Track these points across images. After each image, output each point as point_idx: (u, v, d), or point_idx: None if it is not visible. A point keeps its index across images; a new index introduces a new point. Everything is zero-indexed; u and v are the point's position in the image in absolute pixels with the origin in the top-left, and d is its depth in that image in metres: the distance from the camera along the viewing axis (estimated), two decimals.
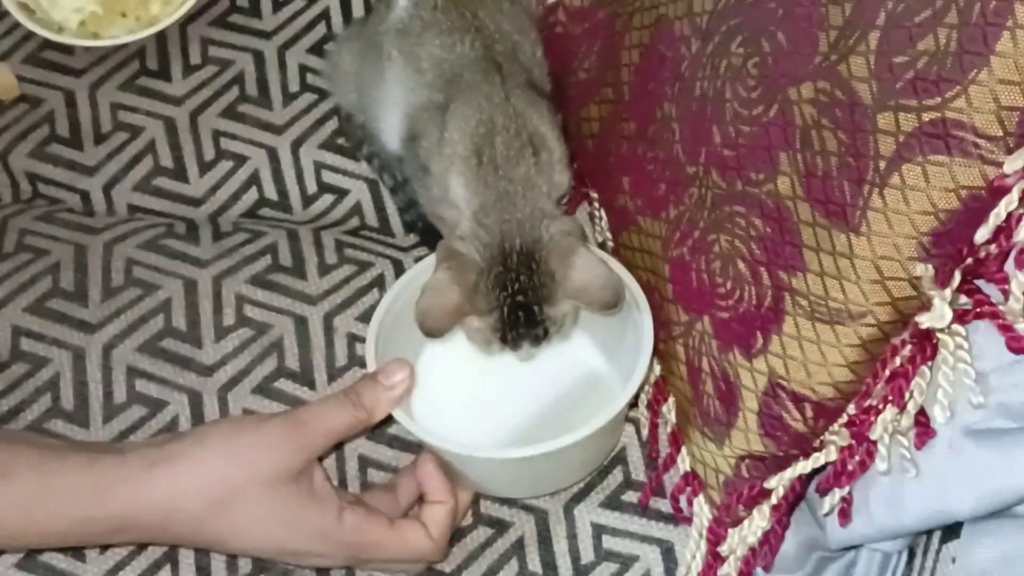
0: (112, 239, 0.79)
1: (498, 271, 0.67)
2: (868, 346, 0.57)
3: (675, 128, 0.66)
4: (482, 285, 0.67)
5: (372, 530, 0.65)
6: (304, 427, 0.63)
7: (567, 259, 0.67)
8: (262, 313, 0.76)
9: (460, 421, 0.73)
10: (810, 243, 0.58)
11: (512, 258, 0.67)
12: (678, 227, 0.67)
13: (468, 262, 0.67)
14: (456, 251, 0.68)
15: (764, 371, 0.61)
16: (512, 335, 0.68)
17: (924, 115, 0.51)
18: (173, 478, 0.61)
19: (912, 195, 0.52)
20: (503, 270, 0.67)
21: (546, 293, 0.67)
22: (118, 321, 0.75)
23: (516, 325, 0.67)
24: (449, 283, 0.67)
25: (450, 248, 0.68)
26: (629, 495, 0.72)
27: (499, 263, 0.67)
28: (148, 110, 0.87)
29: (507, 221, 0.68)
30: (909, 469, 0.57)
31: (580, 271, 0.67)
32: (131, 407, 0.73)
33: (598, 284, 0.66)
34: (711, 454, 0.65)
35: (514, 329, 0.67)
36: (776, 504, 0.62)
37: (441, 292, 0.67)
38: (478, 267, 0.67)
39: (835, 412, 0.60)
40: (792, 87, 0.58)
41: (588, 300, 0.67)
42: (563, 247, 0.67)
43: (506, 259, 0.67)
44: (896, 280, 0.54)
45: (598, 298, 0.66)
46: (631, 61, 0.72)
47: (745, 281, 0.62)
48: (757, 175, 0.60)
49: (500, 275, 0.67)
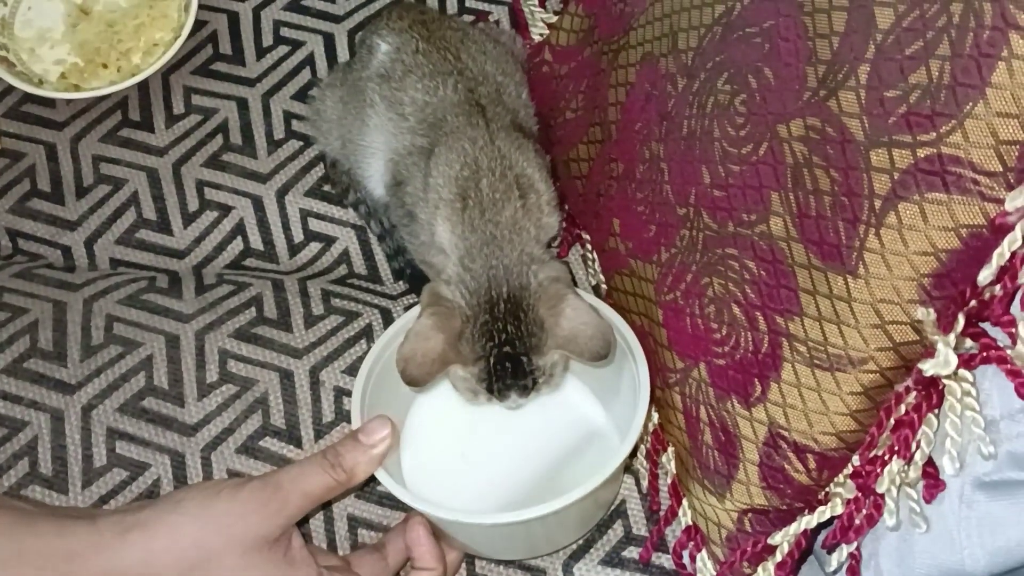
0: (92, 295, 0.77)
1: (484, 320, 0.65)
2: (871, 393, 0.54)
3: (663, 168, 0.64)
4: (468, 333, 0.65)
5: None
6: (281, 491, 0.61)
7: (556, 307, 0.65)
8: (246, 368, 0.74)
9: (451, 477, 0.70)
10: (806, 286, 0.55)
11: (499, 306, 0.65)
12: (670, 270, 0.65)
13: (453, 309, 0.65)
14: (442, 296, 0.66)
15: (764, 420, 0.58)
16: (499, 386, 0.65)
17: (919, 151, 0.49)
18: (146, 544, 0.59)
19: (910, 235, 0.49)
20: (490, 319, 0.64)
21: (534, 343, 0.65)
22: (98, 380, 0.73)
23: (503, 376, 0.65)
24: (433, 330, 0.64)
25: (436, 293, 0.66)
26: (630, 551, 0.69)
27: (486, 311, 0.65)
28: (131, 162, 0.85)
29: (494, 267, 0.66)
30: (919, 524, 0.53)
31: (569, 319, 0.64)
32: (111, 470, 0.71)
33: (588, 333, 0.64)
34: (712, 507, 0.62)
35: (501, 380, 0.65)
36: (781, 561, 0.59)
37: (425, 339, 0.64)
38: (464, 314, 0.65)
39: (840, 463, 0.57)
40: (781, 124, 0.55)
41: (577, 350, 0.64)
42: (551, 294, 0.65)
43: (493, 307, 0.65)
44: (897, 324, 0.52)
45: (587, 348, 0.64)
46: (617, 100, 0.70)
47: (741, 326, 0.59)
48: (749, 216, 0.58)
49: (486, 324, 0.64)
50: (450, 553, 0.67)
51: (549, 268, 0.67)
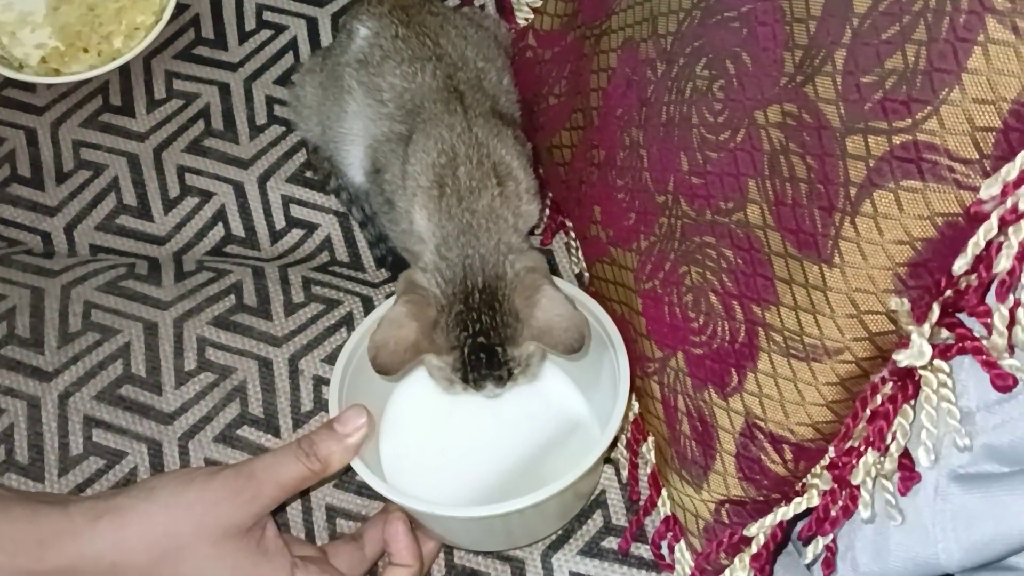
0: (70, 281, 0.76)
1: (459, 309, 0.64)
2: (847, 384, 0.53)
3: (643, 155, 0.63)
4: (442, 323, 0.64)
5: None
6: (254, 480, 0.60)
7: (531, 297, 0.64)
8: (225, 356, 0.74)
9: (430, 467, 0.70)
10: (783, 275, 0.54)
11: (474, 296, 0.64)
12: (649, 258, 0.64)
13: (428, 298, 0.64)
14: (417, 284, 0.65)
15: (740, 411, 0.58)
16: (474, 376, 0.64)
17: (895, 138, 0.48)
18: (118, 532, 0.59)
19: (885, 223, 0.49)
20: (464, 309, 0.64)
21: (509, 333, 0.64)
22: (75, 368, 0.73)
23: (478, 366, 0.64)
24: (407, 318, 0.64)
25: (411, 280, 0.65)
26: (609, 541, 0.69)
27: (460, 301, 0.64)
28: (111, 147, 0.84)
29: (470, 256, 0.65)
30: (894, 516, 0.53)
31: (544, 311, 0.64)
32: (88, 459, 0.71)
33: (562, 325, 0.63)
34: (690, 498, 0.62)
35: (476, 370, 0.64)
36: (756, 553, 0.58)
37: (398, 326, 0.63)
38: (439, 303, 0.64)
39: (816, 454, 0.56)
40: (759, 110, 0.54)
41: (551, 342, 0.64)
42: (527, 284, 0.64)
43: (468, 297, 0.64)
44: (873, 314, 0.51)
45: (561, 340, 0.63)
46: (599, 85, 0.69)
47: (718, 315, 0.58)
48: (726, 204, 0.57)
49: (461, 314, 0.64)
50: (427, 544, 0.67)
51: (526, 258, 0.67)
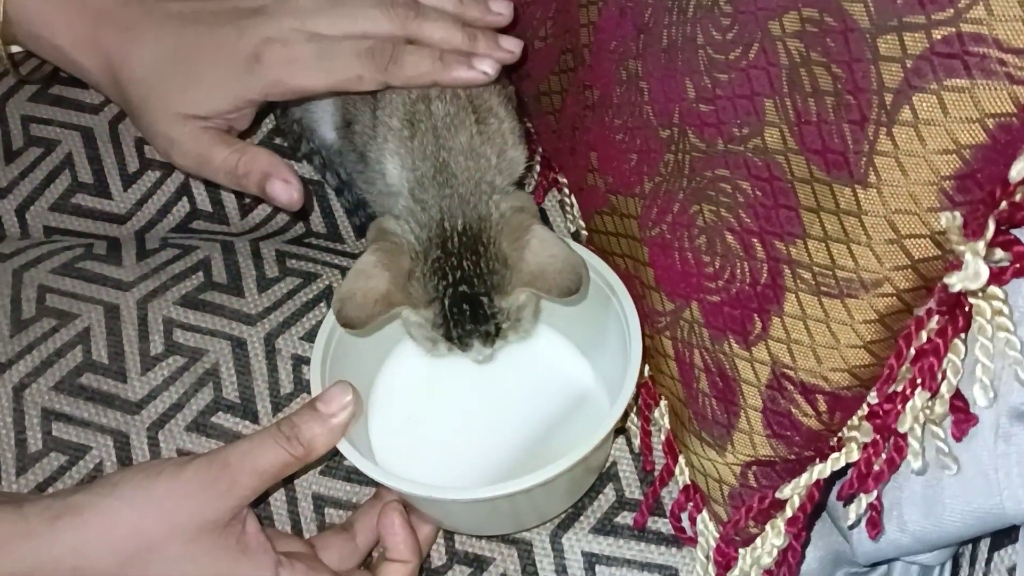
0: (22, 265, 0.70)
1: (436, 256, 0.58)
2: (887, 321, 0.47)
3: (643, 87, 0.57)
4: (418, 272, 0.58)
5: None
6: (229, 470, 0.54)
7: (520, 239, 0.58)
8: (194, 338, 0.67)
9: (425, 447, 0.64)
10: (809, 203, 0.48)
11: (453, 240, 0.58)
12: (655, 202, 0.58)
13: (401, 244, 0.58)
14: (389, 231, 0.59)
15: (766, 360, 0.52)
16: (458, 332, 0.58)
17: (935, 32, 0.42)
18: (79, 532, 0.53)
19: (928, 131, 0.43)
20: (443, 255, 0.58)
21: (496, 281, 0.58)
22: (30, 357, 0.66)
23: (461, 320, 0.58)
24: (377, 267, 0.58)
25: (383, 228, 0.59)
26: (624, 516, 0.63)
27: (438, 247, 0.58)
28: (63, 121, 0.78)
29: (447, 196, 0.59)
30: (948, 465, 0.47)
31: (535, 253, 0.57)
32: (48, 455, 0.64)
33: (556, 267, 0.57)
34: (712, 462, 0.56)
35: (459, 325, 0.58)
36: (792, 517, 0.52)
37: (367, 277, 0.57)
38: (412, 250, 0.58)
39: (853, 403, 0.50)
40: (773, 21, 0.49)
41: (545, 286, 0.58)
42: (515, 226, 0.58)
43: (446, 242, 0.58)
44: (915, 238, 0.45)
45: (556, 283, 0.57)
46: (589, 20, 0.63)
47: (736, 256, 0.52)
48: (740, 130, 0.51)
49: (439, 261, 0.58)
50: (423, 528, 0.61)
51: (512, 198, 0.60)
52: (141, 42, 0.64)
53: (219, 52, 0.62)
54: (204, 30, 0.63)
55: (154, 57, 0.63)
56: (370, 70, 0.61)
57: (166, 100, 0.63)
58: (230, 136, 0.66)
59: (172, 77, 0.63)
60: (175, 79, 0.63)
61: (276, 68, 0.61)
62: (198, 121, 0.64)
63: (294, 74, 0.62)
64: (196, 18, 0.64)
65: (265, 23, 0.62)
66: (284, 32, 0.61)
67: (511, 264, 0.58)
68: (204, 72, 0.63)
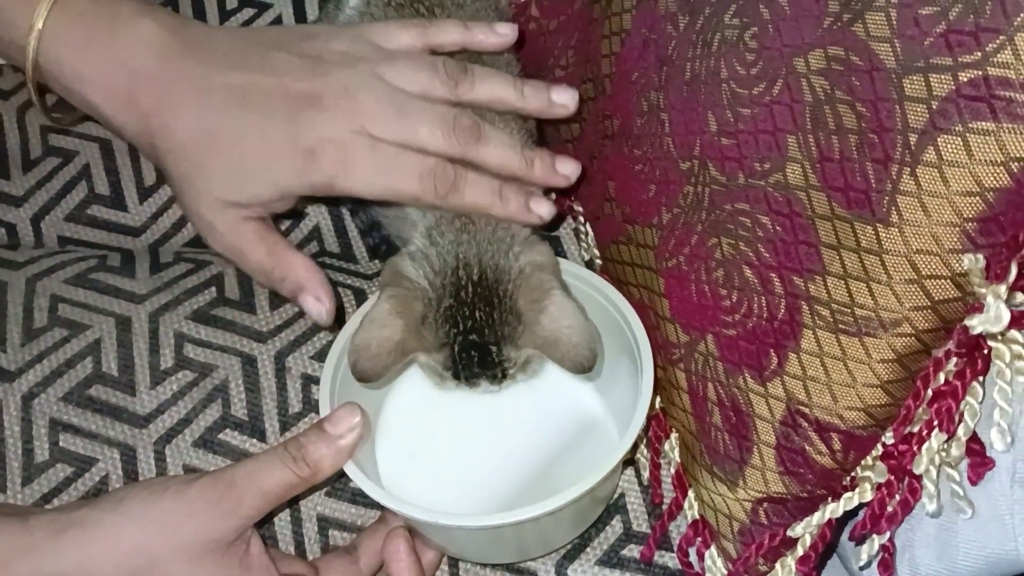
0: (36, 274, 0.70)
1: (449, 304, 0.57)
2: (905, 361, 0.47)
3: (664, 119, 0.58)
4: (430, 318, 0.58)
5: None
6: (235, 489, 0.54)
7: (538, 302, 0.57)
8: (205, 353, 0.67)
9: (432, 472, 0.64)
10: (829, 240, 0.48)
11: (467, 290, 0.57)
12: (672, 233, 0.58)
13: (415, 291, 0.58)
14: (403, 275, 0.59)
15: (781, 396, 0.52)
16: (466, 374, 0.58)
17: (961, 75, 0.42)
18: (83, 548, 0.53)
19: (952, 172, 0.43)
20: (455, 303, 0.57)
21: (507, 332, 0.58)
22: (40, 367, 0.66)
23: (469, 365, 0.58)
24: (391, 315, 0.57)
25: (397, 270, 0.59)
26: (631, 549, 0.62)
27: (451, 295, 0.58)
28: (82, 132, 0.78)
29: (464, 243, 0.59)
30: (964, 509, 0.47)
31: (552, 319, 0.57)
32: (55, 466, 0.64)
33: (572, 340, 0.56)
34: (723, 497, 0.56)
35: (467, 368, 0.58)
36: (804, 556, 0.52)
37: (381, 326, 0.57)
38: (426, 296, 0.58)
39: (868, 442, 0.50)
40: (798, 57, 0.49)
41: (557, 355, 0.57)
42: (534, 286, 0.58)
43: (460, 291, 0.58)
44: (936, 279, 0.45)
45: (569, 356, 0.56)
46: (611, 51, 0.64)
47: (753, 291, 0.52)
48: (762, 165, 0.51)
49: (451, 309, 0.57)
50: (426, 554, 0.61)
51: (534, 251, 0.60)
52: (182, 113, 0.60)
53: (270, 144, 0.59)
54: (254, 116, 0.59)
55: (196, 133, 0.60)
56: (429, 193, 0.59)
57: (207, 182, 0.61)
58: (269, 230, 0.63)
59: (215, 160, 0.60)
60: (218, 163, 0.60)
61: (331, 168, 0.59)
62: (238, 210, 0.61)
63: (348, 178, 0.59)
64: (244, 98, 0.59)
65: (322, 120, 0.59)
66: (342, 133, 0.58)
67: (525, 322, 0.57)
68: (251, 161, 0.60)
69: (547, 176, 0.61)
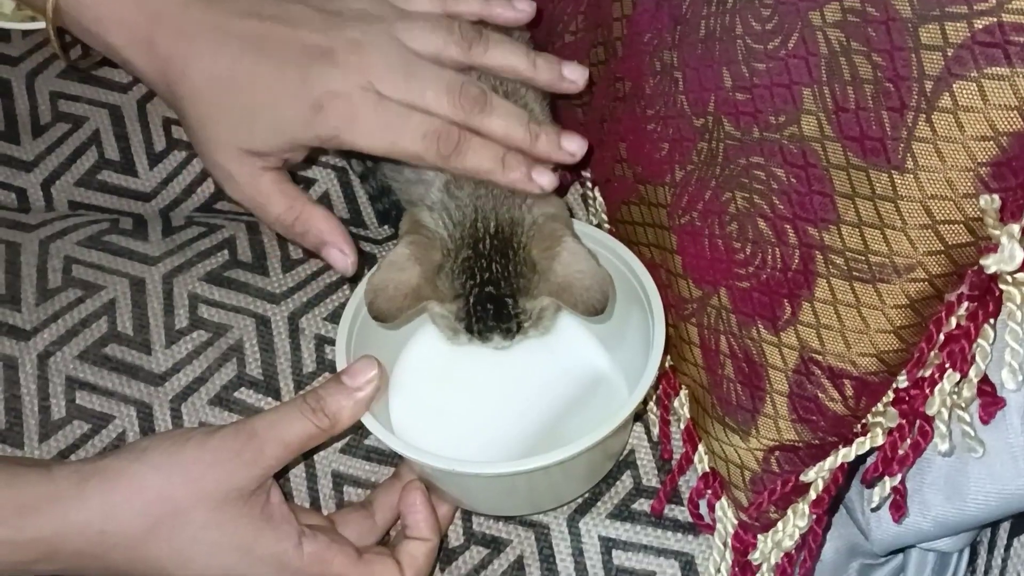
0: (49, 236, 0.70)
1: (467, 255, 0.58)
2: (918, 306, 0.48)
3: (677, 77, 0.59)
4: (447, 268, 0.59)
5: (336, 561, 0.57)
6: (256, 439, 0.55)
7: (551, 249, 0.58)
8: (219, 314, 0.68)
9: (444, 426, 0.64)
10: (844, 189, 0.49)
11: (485, 242, 0.58)
12: (685, 190, 0.59)
13: (434, 239, 0.59)
14: (423, 224, 0.60)
15: (794, 345, 0.53)
16: (479, 327, 0.59)
17: (976, 22, 0.43)
18: (107, 496, 0.53)
19: (967, 117, 0.44)
20: (473, 255, 0.58)
21: (523, 284, 0.59)
22: (55, 326, 0.67)
23: (483, 317, 0.59)
24: (409, 260, 0.58)
25: (416, 219, 0.60)
26: (641, 503, 0.64)
27: (469, 246, 0.59)
28: (92, 98, 0.78)
29: (482, 196, 0.60)
30: (975, 448, 0.48)
31: (564, 265, 0.58)
32: (71, 423, 0.64)
33: (584, 283, 0.57)
34: (734, 448, 0.57)
35: (481, 321, 0.59)
36: (817, 499, 0.53)
37: (399, 269, 0.58)
38: (445, 247, 0.59)
39: (880, 388, 0.51)
40: (814, 11, 0.50)
41: (570, 300, 0.58)
42: (546, 234, 0.59)
43: (478, 243, 0.59)
44: (950, 224, 0.46)
45: (582, 299, 0.58)
46: (623, 13, 0.64)
47: (767, 242, 0.54)
48: (777, 118, 0.52)
49: (469, 260, 0.58)
50: (440, 507, 0.62)
51: (546, 203, 0.61)
52: (198, 58, 0.61)
53: (281, 92, 0.60)
54: (267, 64, 0.60)
55: (211, 79, 0.60)
56: (432, 154, 0.59)
57: (221, 128, 0.61)
58: (287, 182, 0.64)
59: (230, 106, 0.61)
60: (233, 109, 0.61)
61: (336, 121, 0.59)
62: (256, 159, 0.61)
63: (353, 132, 0.60)
64: (259, 46, 0.60)
65: (332, 74, 0.59)
66: (350, 88, 0.59)
67: (540, 271, 0.58)
68: (263, 108, 0.60)
69: (551, 151, 0.62)
